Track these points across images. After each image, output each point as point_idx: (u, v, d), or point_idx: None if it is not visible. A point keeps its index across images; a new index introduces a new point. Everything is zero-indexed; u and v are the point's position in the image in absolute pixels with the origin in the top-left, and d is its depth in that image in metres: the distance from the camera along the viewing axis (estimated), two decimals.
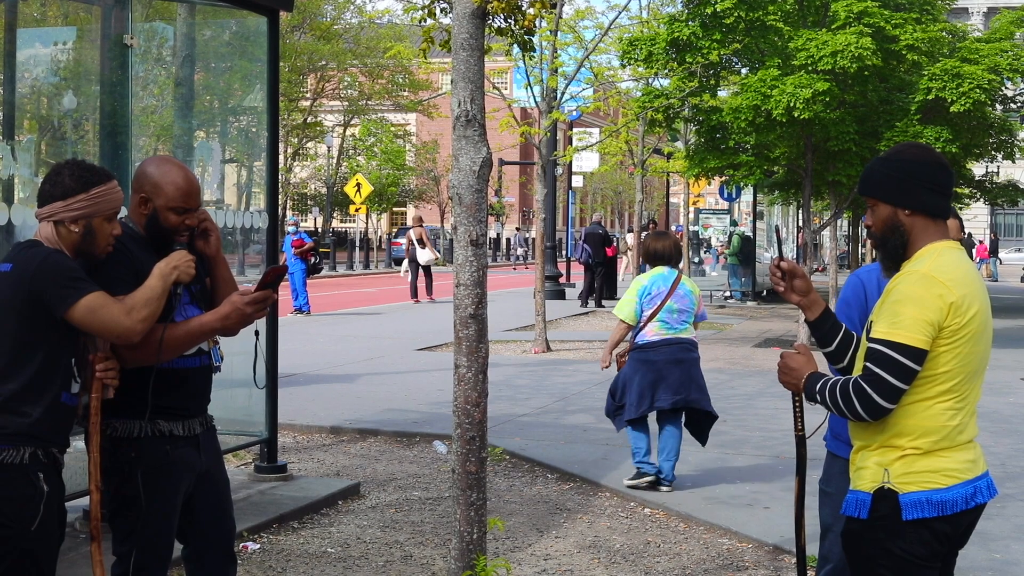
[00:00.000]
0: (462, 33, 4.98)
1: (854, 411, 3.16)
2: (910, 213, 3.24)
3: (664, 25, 17.73)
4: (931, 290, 3.11)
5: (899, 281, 3.19)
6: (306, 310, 20.82)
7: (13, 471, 3.40)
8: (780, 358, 3.46)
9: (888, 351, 3.11)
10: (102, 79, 6.62)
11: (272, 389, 7.38)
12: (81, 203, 3.51)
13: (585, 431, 9.76)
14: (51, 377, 3.46)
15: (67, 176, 3.53)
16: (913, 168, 3.25)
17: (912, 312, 3.10)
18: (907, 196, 3.24)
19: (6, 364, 3.42)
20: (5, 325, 3.43)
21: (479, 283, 5.04)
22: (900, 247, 3.26)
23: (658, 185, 53.92)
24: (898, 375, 3.10)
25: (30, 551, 3.44)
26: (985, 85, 16.19)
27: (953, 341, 3.12)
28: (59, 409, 3.49)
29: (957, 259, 3.21)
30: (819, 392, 3.28)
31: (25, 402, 3.41)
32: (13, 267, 3.45)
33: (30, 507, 3.42)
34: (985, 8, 68.86)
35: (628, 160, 24.08)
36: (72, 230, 3.52)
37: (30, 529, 3.41)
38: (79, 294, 3.41)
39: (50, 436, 3.48)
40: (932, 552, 3.17)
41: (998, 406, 11.03)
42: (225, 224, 7.46)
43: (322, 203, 54.50)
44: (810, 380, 3.34)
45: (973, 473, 3.20)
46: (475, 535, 5.06)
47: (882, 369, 3.11)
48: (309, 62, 48.28)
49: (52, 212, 3.52)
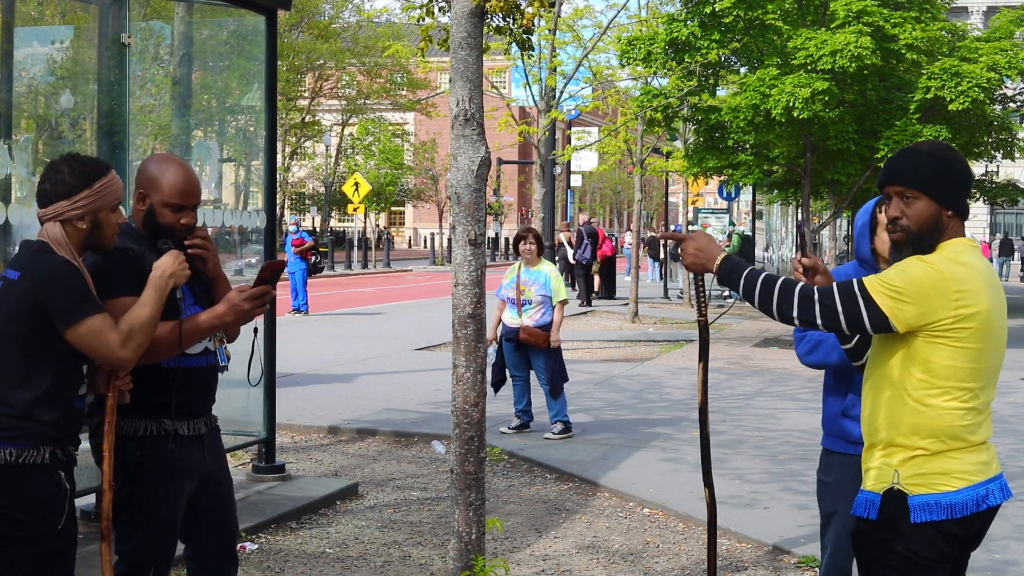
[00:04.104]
0: (460, 32, 4.96)
1: (782, 310, 3.13)
2: (952, 214, 3.19)
3: (663, 24, 17.73)
4: (931, 279, 3.07)
5: (908, 261, 3.14)
6: (304, 310, 20.81)
7: (36, 471, 3.37)
8: (684, 241, 3.39)
9: (859, 295, 3.08)
10: (99, 78, 6.61)
11: (270, 389, 7.37)
12: (86, 199, 3.46)
13: (584, 431, 9.75)
14: (65, 384, 3.44)
15: (67, 173, 3.46)
16: (957, 169, 3.22)
17: (902, 286, 3.06)
18: (953, 197, 3.19)
19: (22, 374, 3.38)
20: (16, 334, 3.38)
21: (477, 283, 5.03)
22: (933, 247, 3.19)
23: (657, 184, 53.92)
24: (849, 320, 3.08)
25: (58, 549, 3.43)
26: (984, 84, 16.20)
27: (949, 336, 3.08)
28: (72, 412, 3.48)
29: (969, 257, 3.17)
30: (744, 276, 3.23)
31: (42, 409, 3.38)
32: (21, 275, 3.39)
33: (55, 506, 3.40)
34: (985, 7, 68.85)
35: (627, 159, 24.06)
36: (80, 227, 3.46)
37: (57, 528, 3.40)
38: (82, 315, 3.35)
39: (65, 437, 3.47)
40: (941, 554, 3.14)
41: (998, 406, 10.94)
42: (223, 223, 7.45)
43: (320, 203, 54.48)
44: (726, 261, 3.29)
45: (985, 475, 3.17)
46: (474, 535, 5.05)
47: (842, 304, 3.08)
48: (307, 61, 48.31)
49: (57, 212, 3.45)
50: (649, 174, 26.30)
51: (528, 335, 9.52)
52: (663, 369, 14.15)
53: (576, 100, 21.29)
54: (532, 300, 9.56)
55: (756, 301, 3.20)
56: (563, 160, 23.79)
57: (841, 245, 43.39)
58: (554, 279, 9.68)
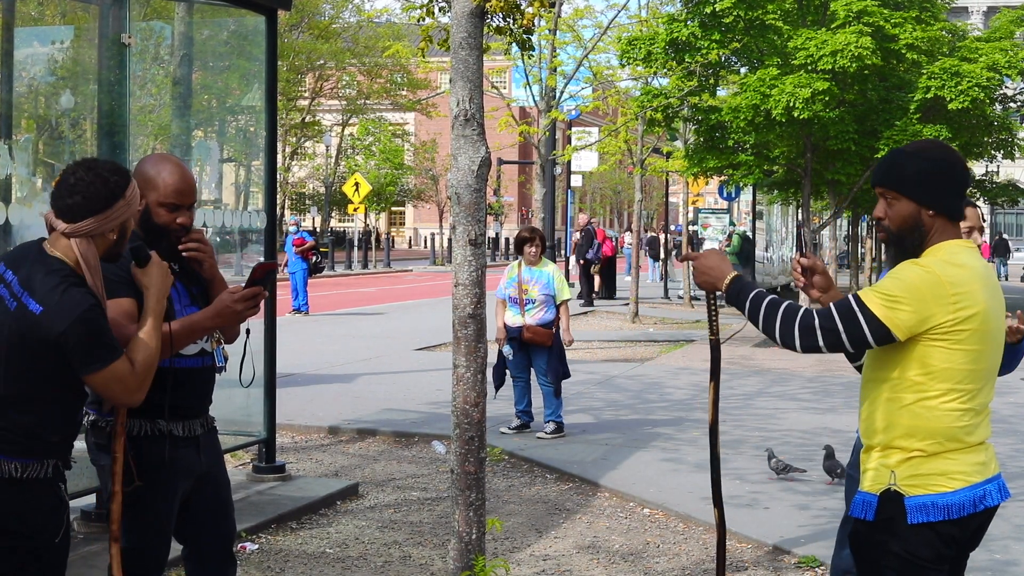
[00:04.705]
0: (460, 32, 4.96)
1: (785, 336, 3.14)
2: (934, 214, 3.18)
3: (663, 24, 17.73)
4: (926, 282, 3.06)
5: (902, 266, 3.15)
6: (305, 310, 20.81)
7: (40, 485, 3.33)
8: (696, 260, 3.42)
9: (857, 311, 3.08)
10: (100, 78, 6.61)
11: (270, 389, 7.37)
12: (120, 209, 3.31)
13: (584, 431, 9.75)
14: (75, 405, 3.39)
15: (99, 185, 3.27)
16: (943, 168, 3.19)
17: (899, 294, 3.06)
18: (934, 197, 3.18)
19: (30, 396, 3.28)
20: (28, 362, 3.25)
21: (478, 283, 5.03)
22: (917, 247, 3.19)
23: (657, 184, 53.90)
24: (852, 338, 3.09)
25: (54, 560, 3.40)
26: (984, 83, 16.20)
27: (947, 339, 3.07)
28: (75, 427, 3.45)
29: (965, 258, 3.16)
30: (750, 300, 3.24)
31: (47, 429, 3.32)
32: (44, 311, 3.19)
33: (55, 518, 3.37)
34: (985, 7, 68.85)
35: (627, 159, 24.05)
36: (110, 238, 3.33)
37: (55, 540, 3.37)
38: (103, 364, 3.24)
39: (68, 449, 3.44)
40: (939, 555, 3.14)
41: (998, 406, 10.97)
42: (223, 224, 7.45)
43: (320, 203, 54.47)
44: (734, 282, 3.31)
45: (983, 476, 3.16)
46: (474, 535, 5.05)
47: (842, 323, 3.09)
48: (307, 61, 48.29)
49: (94, 228, 3.26)
50: (649, 174, 26.30)
51: (532, 333, 9.52)
52: (663, 369, 14.15)
53: (576, 100, 21.27)
54: (535, 299, 9.56)
55: (760, 326, 3.22)
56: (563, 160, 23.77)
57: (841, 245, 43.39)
58: (557, 279, 9.70)
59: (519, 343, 9.62)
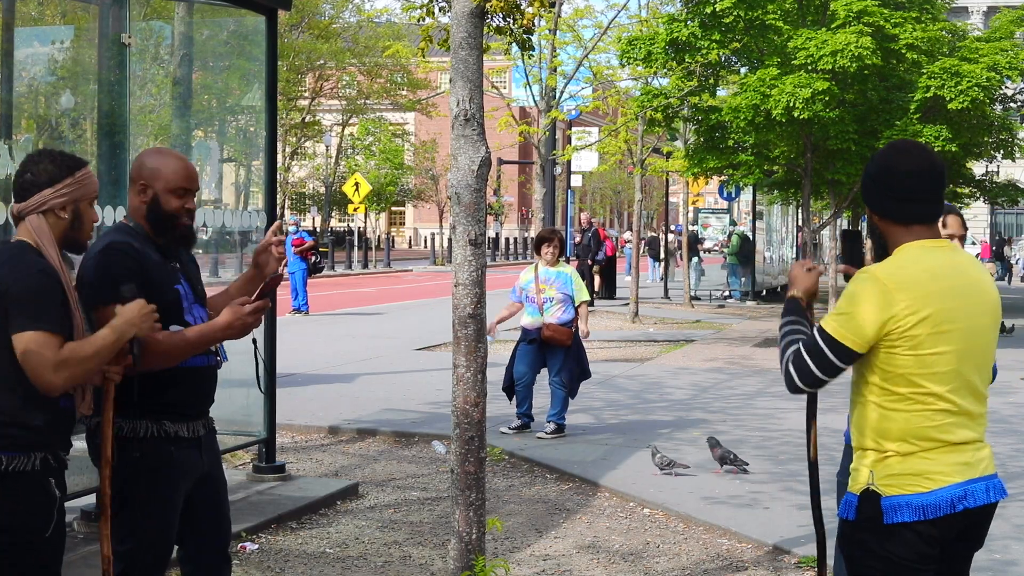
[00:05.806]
0: (460, 32, 4.96)
1: (788, 379, 3.26)
2: (880, 218, 3.26)
3: (663, 24, 17.72)
4: (871, 291, 3.10)
5: (852, 279, 3.23)
6: (304, 310, 20.80)
7: (26, 479, 3.33)
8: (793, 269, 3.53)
9: (820, 341, 3.17)
10: (100, 78, 6.61)
11: (270, 389, 7.36)
12: (69, 187, 3.45)
13: (584, 431, 9.75)
14: None
15: (48, 163, 3.46)
16: (877, 175, 3.24)
17: (849, 309, 3.13)
18: (874, 202, 3.26)
19: (3, 376, 3.32)
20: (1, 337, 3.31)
21: (478, 283, 5.03)
22: (883, 248, 3.27)
23: (657, 184, 53.91)
24: (821, 366, 3.17)
25: (44, 558, 3.40)
26: (984, 83, 16.19)
27: (903, 342, 3.08)
28: (60, 414, 3.44)
29: (925, 260, 3.15)
30: (780, 329, 3.38)
31: (29, 412, 3.33)
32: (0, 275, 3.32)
33: (44, 514, 3.37)
34: (985, 7, 68.84)
35: (627, 159, 24.05)
36: (62, 217, 3.45)
37: (44, 536, 3.37)
38: (34, 326, 3.27)
39: (56, 441, 3.44)
40: (920, 554, 3.12)
41: (998, 406, 11.01)
42: (224, 224, 7.45)
43: (320, 203, 54.47)
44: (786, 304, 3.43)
45: (964, 475, 3.12)
46: (474, 535, 5.05)
47: (810, 356, 3.18)
48: (307, 61, 48.28)
49: (42, 201, 3.42)
50: (649, 174, 26.30)
51: (552, 332, 9.53)
52: (663, 369, 14.15)
53: (576, 100, 21.28)
54: (553, 297, 9.58)
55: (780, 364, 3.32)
56: (563, 160, 23.77)
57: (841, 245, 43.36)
58: (575, 280, 9.78)
59: (537, 343, 9.61)
